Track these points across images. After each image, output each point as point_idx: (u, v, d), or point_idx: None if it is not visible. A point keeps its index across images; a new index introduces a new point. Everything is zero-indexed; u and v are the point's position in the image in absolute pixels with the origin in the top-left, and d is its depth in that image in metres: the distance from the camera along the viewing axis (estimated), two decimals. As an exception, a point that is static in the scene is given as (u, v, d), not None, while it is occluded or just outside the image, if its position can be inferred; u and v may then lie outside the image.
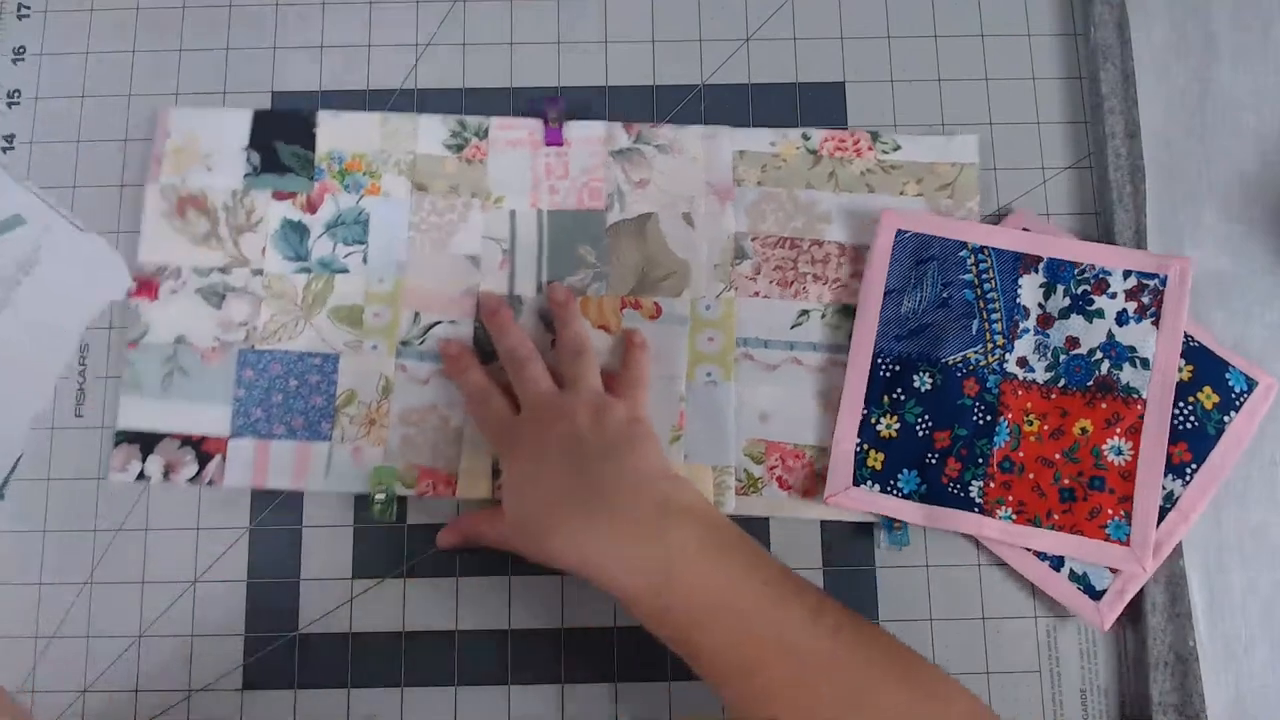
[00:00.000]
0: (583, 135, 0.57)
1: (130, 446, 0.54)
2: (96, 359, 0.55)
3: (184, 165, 0.56)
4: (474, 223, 0.56)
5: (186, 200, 0.56)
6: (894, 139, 0.56)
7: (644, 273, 0.55)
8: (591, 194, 0.56)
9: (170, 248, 0.55)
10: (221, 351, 0.54)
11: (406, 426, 0.54)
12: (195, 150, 0.56)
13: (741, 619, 0.43)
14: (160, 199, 0.56)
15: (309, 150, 0.56)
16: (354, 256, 0.56)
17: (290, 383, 0.54)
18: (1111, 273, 0.52)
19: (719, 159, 0.56)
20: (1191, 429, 0.51)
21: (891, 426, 0.52)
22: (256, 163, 0.56)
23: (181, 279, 0.55)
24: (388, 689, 0.52)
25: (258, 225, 0.56)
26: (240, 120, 0.57)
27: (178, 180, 0.56)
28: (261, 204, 0.56)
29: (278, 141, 0.57)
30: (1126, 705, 0.51)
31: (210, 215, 0.56)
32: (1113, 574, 0.50)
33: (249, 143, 0.57)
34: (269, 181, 0.56)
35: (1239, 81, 0.56)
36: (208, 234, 0.56)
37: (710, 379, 0.54)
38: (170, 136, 0.56)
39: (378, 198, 0.56)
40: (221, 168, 0.56)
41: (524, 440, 0.49)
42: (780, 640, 0.42)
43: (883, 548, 0.52)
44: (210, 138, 0.57)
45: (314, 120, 0.57)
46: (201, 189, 0.56)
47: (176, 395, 0.54)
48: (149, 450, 0.53)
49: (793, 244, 0.55)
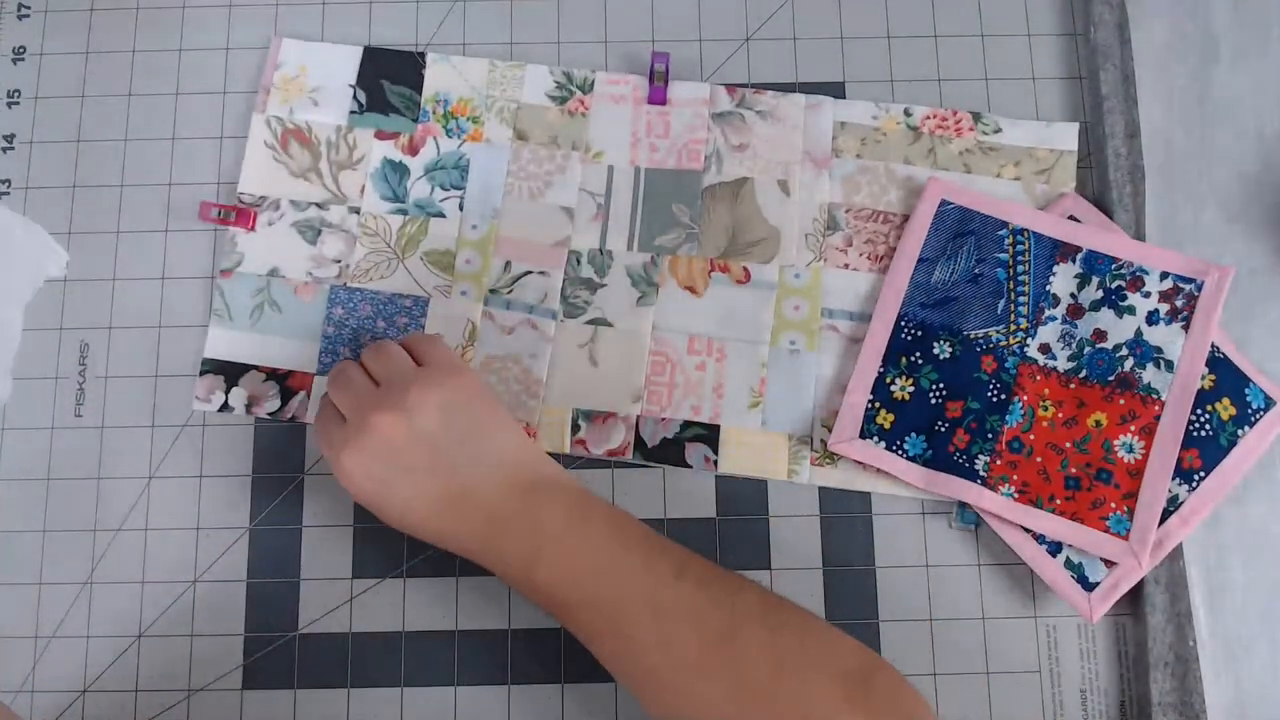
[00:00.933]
0: (685, 96, 0.57)
1: (215, 378, 0.54)
2: (96, 359, 0.55)
3: (291, 98, 0.57)
4: (572, 175, 0.56)
5: (291, 133, 0.56)
6: (995, 121, 0.56)
7: (735, 236, 0.56)
8: (690, 155, 0.56)
9: (271, 179, 0.56)
10: (314, 287, 0.55)
11: (489, 374, 0.54)
12: (303, 83, 0.57)
13: (609, 583, 0.44)
14: (265, 130, 0.56)
15: (416, 91, 0.57)
16: (450, 201, 0.56)
17: (379, 323, 0.54)
18: (1149, 272, 0.52)
19: (819, 129, 0.57)
20: (1205, 437, 0.51)
21: (905, 389, 0.53)
22: (363, 100, 0.57)
23: (280, 211, 0.55)
24: (388, 689, 0.52)
25: (359, 163, 0.56)
26: (350, 56, 0.57)
27: (285, 112, 0.56)
28: (364, 142, 0.56)
29: (385, 81, 0.57)
30: (1126, 705, 0.51)
31: (313, 150, 0.56)
32: (1108, 569, 0.50)
33: (356, 80, 0.57)
34: (373, 120, 0.57)
35: (1239, 81, 0.56)
36: (309, 168, 0.56)
37: (794, 347, 0.54)
38: (280, 69, 0.57)
39: (479, 144, 0.56)
40: (328, 103, 0.57)
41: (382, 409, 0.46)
42: (647, 599, 0.43)
43: (954, 527, 0.53)
44: (319, 72, 0.57)
45: (424, 62, 0.57)
46: (306, 123, 0.56)
47: (265, 328, 0.54)
48: (233, 382, 0.54)
49: (885, 218, 0.56)
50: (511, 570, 0.45)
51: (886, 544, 0.53)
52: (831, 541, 0.53)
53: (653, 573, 0.44)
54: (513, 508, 0.45)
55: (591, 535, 0.45)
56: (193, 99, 0.58)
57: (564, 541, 0.45)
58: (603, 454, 0.53)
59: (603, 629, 0.44)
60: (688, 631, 0.42)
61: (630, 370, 0.54)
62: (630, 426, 0.54)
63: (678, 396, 0.54)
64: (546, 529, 0.45)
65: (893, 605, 0.52)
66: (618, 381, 0.54)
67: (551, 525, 0.45)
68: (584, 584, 0.44)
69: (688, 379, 0.54)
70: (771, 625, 0.43)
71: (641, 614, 0.43)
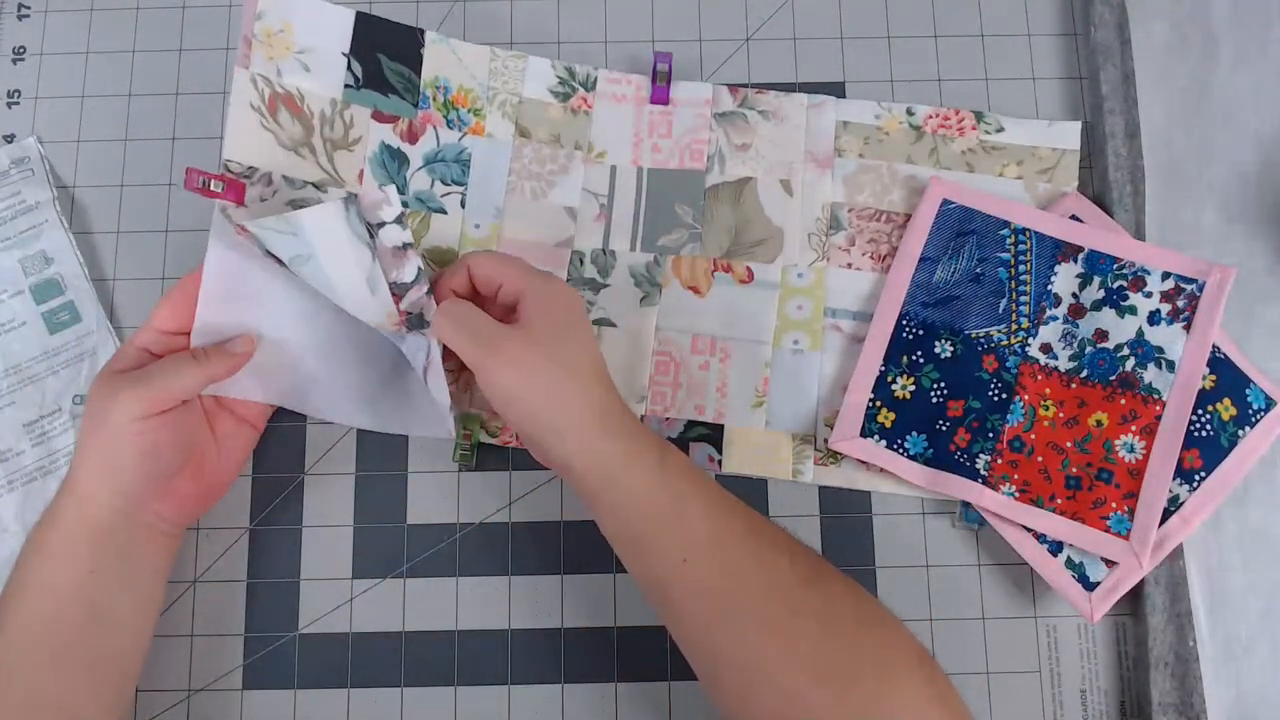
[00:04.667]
0: (688, 96, 0.57)
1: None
2: (97, 361, 0.55)
3: (277, 55, 0.52)
4: (575, 175, 0.56)
5: (281, 98, 0.52)
6: (998, 120, 0.56)
7: (738, 236, 0.56)
8: (693, 155, 0.56)
9: (258, 148, 0.51)
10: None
11: None
12: (289, 41, 0.53)
13: (713, 511, 0.44)
14: (251, 89, 0.52)
15: (414, 72, 0.55)
16: (452, 198, 0.55)
17: None
18: (1150, 272, 0.52)
19: (822, 128, 0.57)
20: (1206, 437, 0.51)
21: (906, 388, 0.53)
22: (359, 73, 0.54)
23: (272, 186, 0.52)
24: (388, 689, 0.52)
25: (355, 145, 0.54)
26: (340, 19, 0.54)
27: (272, 72, 0.52)
28: (361, 122, 0.54)
29: (382, 55, 0.55)
30: (1126, 705, 0.51)
31: (304, 122, 0.53)
32: (1108, 569, 0.50)
33: (350, 49, 0.54)
34: (371, 99, 0.55)
35: (1239, 81, 0.56)
36: (300, 142, 0.53)
37: (797, 347, 0.54)
38: (260, 19, 0.52)
39: (481, 138, 0.56)
40: (320, 70, 0.53)
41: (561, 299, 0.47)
42: (750, 526, 0.44)
43: (957, 527, 0.53)
44: (305, 30, 0.53)
45: (422, 40, 0.56)
46: (298, 89, 0.53)
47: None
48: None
49: (888, 218, 0.56)
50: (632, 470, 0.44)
51: (887, 544, 0.53)
52: (832, 541, 0.53)
53: (751, 515, 0.45)
54: (633, 425, 0.46)
55: (702, 471, 0.46)
56: (193, 99, 0.58)
57: (680, 461, 0.45)
58: None
59: (704, 546, 0.44)
60: (786, 567, 0.43)
61: (634, 370, 0.54)
62: None
63: (681, 396, 0.54)
64: (667, 444, 0.46)
65: (893, 605, 0.51)
66: (621, 381, 0.54)
67: (669, 447, 0.46)
68: (701, 492, 0.44)
69: (691, 379, 0.54)
70: (850, 585, 0.44)
71: (745, 540, 0.44)
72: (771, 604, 0.42)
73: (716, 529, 0.44)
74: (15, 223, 0.55)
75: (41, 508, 0.46)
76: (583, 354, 0.46)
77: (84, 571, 0.44)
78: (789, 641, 0.41)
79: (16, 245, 0.55)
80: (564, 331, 0.46)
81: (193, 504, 0.49)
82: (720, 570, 0.43)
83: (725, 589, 0.43)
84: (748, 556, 0.43)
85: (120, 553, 0.45)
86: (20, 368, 0.54)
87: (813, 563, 0.44)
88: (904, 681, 0.41)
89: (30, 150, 0.57)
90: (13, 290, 0.55)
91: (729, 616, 0.42)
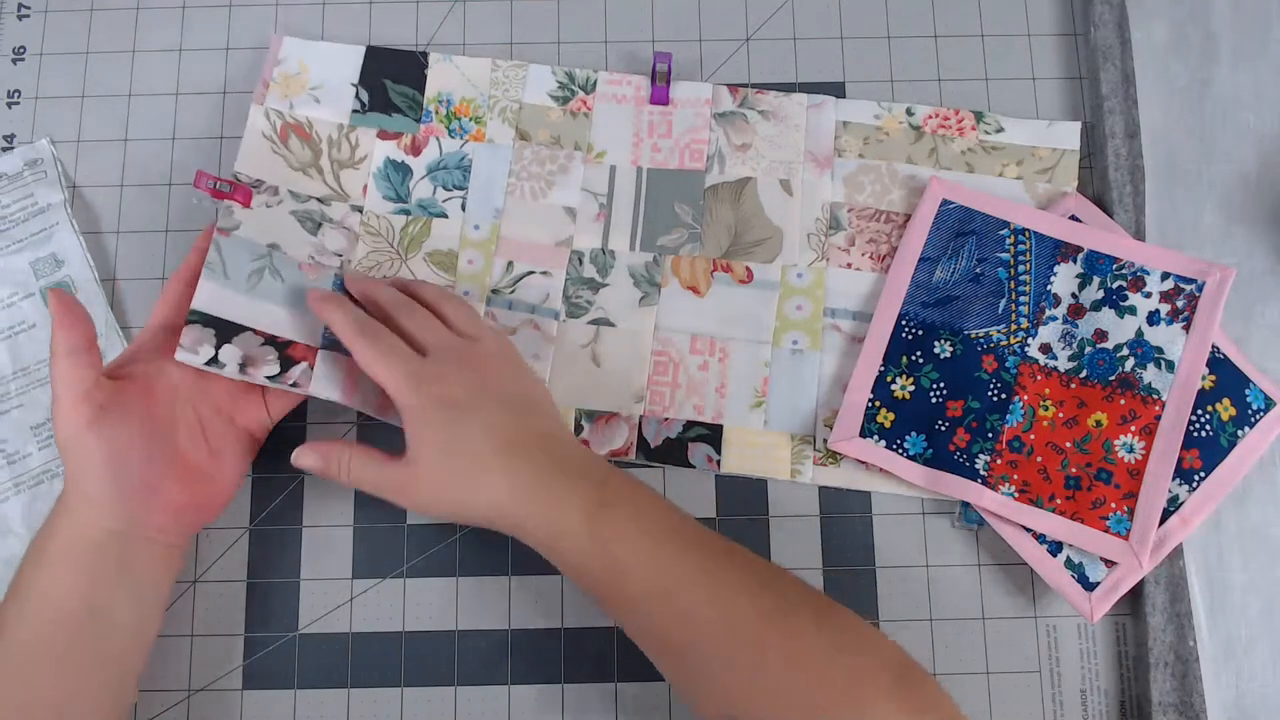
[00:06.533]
0: (687, 96, 0.57)
1: (203, 329, 0.48)
2: (96, 359, 0.55)
3: (292, 93, 0.56)
4: (574, 175, 0.56)
5: (291, 127, 0.55)
6: (997, 120, 0.57)
7: (737, 236, 0.56)
8: (692, 155, 0.57)
9: (268, 168, 0.54)
10: (319, 268, 0.52)
11: None
12: (304, 80, 0.56)
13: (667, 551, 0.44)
14: (264, 121, 0.55)
15: (418, 91, 0.57)
16: (452, 202, 0.56)
17: None
18: (1150, 272, 0.52)
19: (822, 128, 0.57)
20: (1205, 437, 0.51)
21: (906, 388, 0.53)
22: (365, 99, 0.57)
23: (278, 197, 0.54)
24: (388, 689, 0.52)
25: (360, 163, 0.56)
26: (352, 55, 0.57)
27: (285, 106, 0.56)
28: (366, 142, 0.56)
29: (387, 80, 0.57)
30: (1126, 705, 0.51)
31: (313, 146, 0.56)
32: (1108, 569, 0.50)
33: (359, 79, 0.57)
34: (375, 120, 0.56)
35: (1239, 81, 0.56)
36: (309, 164, 0.55)
37: (796, 347, 0.54)
38: (280, 65, 0.56)
39: (482, 144, 0.56)
40: (329, 101, 0.56)
41: (449, 381, 0.46)
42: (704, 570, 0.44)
43: (957, 527, 0.53)
44: (321, 70, 0.57)
45: (426, 62, 0.57)
46: (308, 119, 0.56)
47: (264, 294, 0.50)
48: (225, 340, 0.49)
49: (888, 217, 0.56)
50: (564, 529, 0.44)
51: (887, 544, 0.53)
52: (832, 541, 0.53)
53: (705, 548, 0.44)
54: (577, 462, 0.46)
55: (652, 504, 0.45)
56: (193, 99, 0.58)
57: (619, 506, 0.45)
58: (605, 454, 0.53)
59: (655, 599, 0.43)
60: (746, 605, 0.43)
61: (633, 370, 0.54)
62: (633, 427, 0.54)
63: (680, 396, 0.54)
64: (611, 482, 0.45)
65: (893, 605, 0.52)
66: (620, 382, 0.54)
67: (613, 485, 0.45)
68: (642, 547, 0.44)
69: (690, 379, 0.54)
70: (818, 608, 0.43)
71: (697, 587, 0.43)
72: (734, 647, 0.42)
73: (662, 583, 0.43)
74: (27, 225, 0.55)
75: (47, 511, 0.46)
76: (484, 436, 0.45)
77: (84, 579, 0.44)
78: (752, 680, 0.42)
79: (29, 247, 0.55)
80: (454, 434, 0.45)
81: (191, 514, 0.48)
82: (679, 620, 0.43)
83: (684, 642, 0.43)
84: (702, 604, 0.43)
85: (119, 563, 0.45)
86: (30, 370, 0.54)
87: (777, 592, 0.44)
88: (876, 713, 0.40)
89: (43, 152, 0.57)
90: (24, 292, 0.55)
91: (696, 663, 0.43)
